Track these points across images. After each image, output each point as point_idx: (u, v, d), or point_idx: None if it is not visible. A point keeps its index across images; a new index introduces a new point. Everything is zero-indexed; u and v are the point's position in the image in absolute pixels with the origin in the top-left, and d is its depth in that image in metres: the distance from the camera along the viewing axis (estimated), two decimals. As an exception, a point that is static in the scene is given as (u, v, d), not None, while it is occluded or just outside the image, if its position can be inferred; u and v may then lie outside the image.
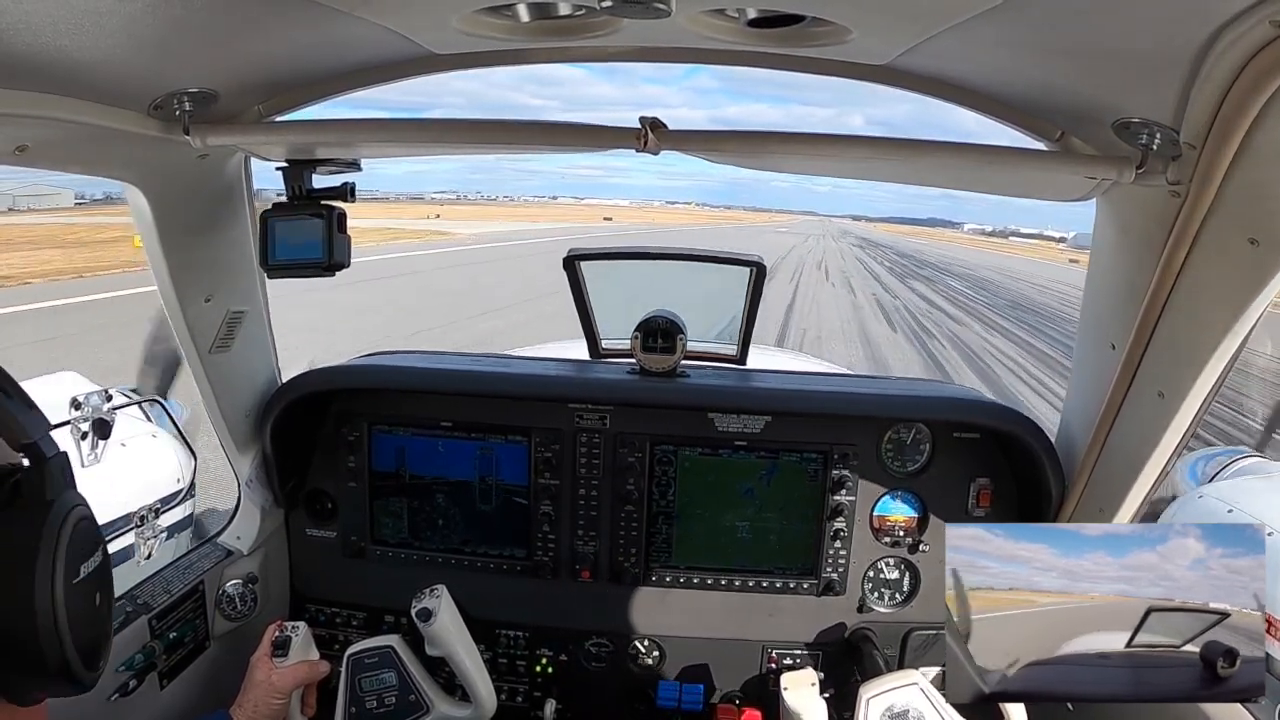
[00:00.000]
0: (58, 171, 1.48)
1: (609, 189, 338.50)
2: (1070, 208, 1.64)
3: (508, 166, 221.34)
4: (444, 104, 68.39)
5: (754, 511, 2.11)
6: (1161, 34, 1.02)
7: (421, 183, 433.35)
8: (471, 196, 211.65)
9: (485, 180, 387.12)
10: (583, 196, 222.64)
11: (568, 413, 2.11)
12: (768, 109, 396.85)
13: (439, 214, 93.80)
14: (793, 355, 4.41)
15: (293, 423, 2.06)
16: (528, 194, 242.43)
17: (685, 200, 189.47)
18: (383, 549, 2.19)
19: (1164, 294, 1.39)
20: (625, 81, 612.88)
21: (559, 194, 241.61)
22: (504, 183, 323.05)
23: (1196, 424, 1.49)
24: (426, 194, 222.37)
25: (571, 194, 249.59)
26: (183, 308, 1.69)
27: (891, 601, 2.15)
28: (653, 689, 2.13)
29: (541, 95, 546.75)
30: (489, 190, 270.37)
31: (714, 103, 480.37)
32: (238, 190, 1.73)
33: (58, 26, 0.99)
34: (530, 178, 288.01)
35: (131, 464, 3.61)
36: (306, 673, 1.75)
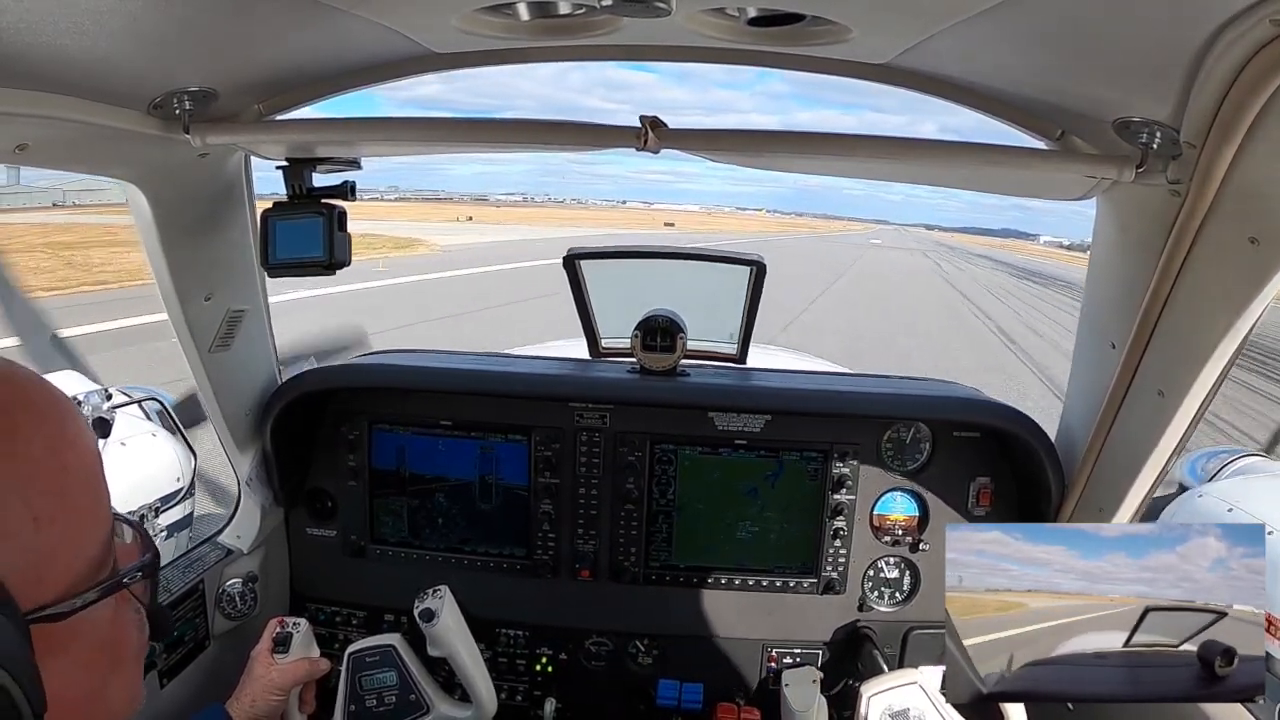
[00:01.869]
0: (58, 170, 1.48)
1: (678, 194, 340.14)
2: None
3: (578, 170, 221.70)
4: (516, 107, 68.63)
5: (755, 511, 2.11)
6: (1162, 33, 1.02)
7: (489, 184, 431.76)
8: (539, 199, 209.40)
9: (556, 183, 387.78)
10: (651, 201, 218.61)
11: (568, 412, 2.11)
12: (838, 115, 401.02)
13: (470, 216, 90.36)
14: (793, 354, 4.40)
15: (293, 421, 2.06)
16: (597, 198, 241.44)
17: (755, 206, 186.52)
18: (383, 548, 2.19)
19: (1164, 293, 1.39)
20: (698, 86, 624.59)
21: (628, 198, 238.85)
22: (574, 186, 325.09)
23: (1197, 423, 1.49)
24: (491, 195, 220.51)
25: (640, 198, 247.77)
26: (183, 307, 1.69)
27: (892, 600, 2.15)
28: (653, 688, 2.13)
29: (613, 100, 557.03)
30: (558, 193, 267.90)
31: (784, 108, 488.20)
32: (238, 189, 1.73)
33: (58, 25, 0.99)
34: (600, 182, 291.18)
35: (131, 463, 3.61)
36: (306, 670, 1.75)
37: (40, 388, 0.63)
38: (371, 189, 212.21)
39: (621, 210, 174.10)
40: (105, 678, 0.67)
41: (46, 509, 0.59)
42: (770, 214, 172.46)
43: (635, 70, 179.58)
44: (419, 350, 2.37)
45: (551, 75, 58.44)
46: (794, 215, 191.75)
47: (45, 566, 0.59)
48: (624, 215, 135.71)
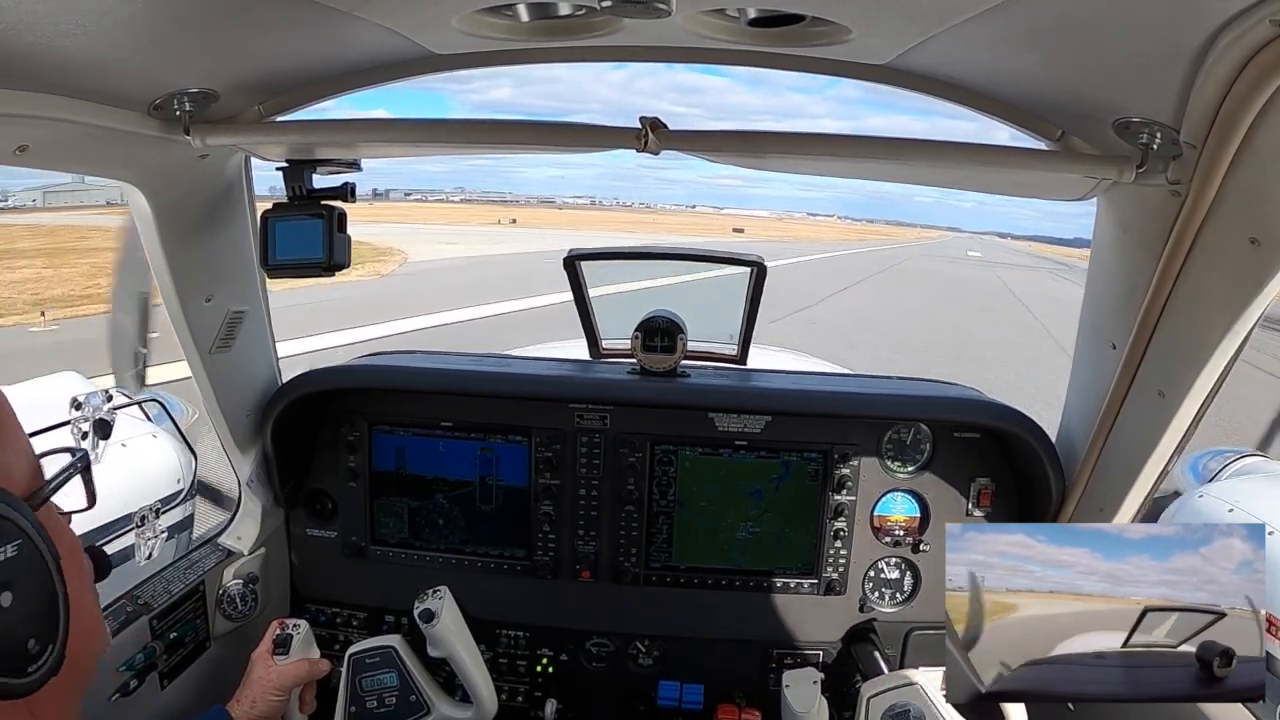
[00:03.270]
0: (58, 172, 1.48)
1: (748, 199, 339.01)
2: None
3: (648, 174, 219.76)
4: (588, 110, 68.28)
5: (755, 512, 2.11)
6: (1162, 33, 1.02)
7: (559, 188, 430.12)
8: (608, 203, 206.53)
9: (625, 188, 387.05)
10: (721, 206, 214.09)
11: (568, 413, 2.11)
12: (910, 121, 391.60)
13: (514, 219, 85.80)
14: (794, 355, 4.40)
15: (293, 423, 2.06)
16: (666, 202, 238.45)
17: (827, 213, 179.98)
18: (383, 549, 2.19)
19: (1164, 293, 1.39)
20: (771, 90, 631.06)
21: (697, 202, 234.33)
22: (644, 190, 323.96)
23: (1197, 423, 1.49)
24: (559, 199, 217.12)
25: (710, 203, 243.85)
26: (183, 308, 1.69)
27: (892, 601, 2.15)
28: (653, 689, 2.13)
29: (682, 104, 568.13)
30: (627, 197, 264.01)
31: (855, 113, 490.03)
32: (238, 190, 1.73)
33: (58, 27, 0.99)
34: (670, 186, 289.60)
35: (132, 464, 3.61)
36: (306, 671, 1.75)
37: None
38: (437, 190, 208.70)
39: (690, 215, 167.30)
40: (82, 557, 0.85)
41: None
42: (841, 220, 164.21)
43: (706, 74, 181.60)
44: (419, 351, 2.37)
45: (621, 80, 57.35)
46: (865, 222, 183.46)
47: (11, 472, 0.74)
48: (692, 220, 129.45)
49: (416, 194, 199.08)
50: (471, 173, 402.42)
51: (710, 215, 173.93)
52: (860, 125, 59.10)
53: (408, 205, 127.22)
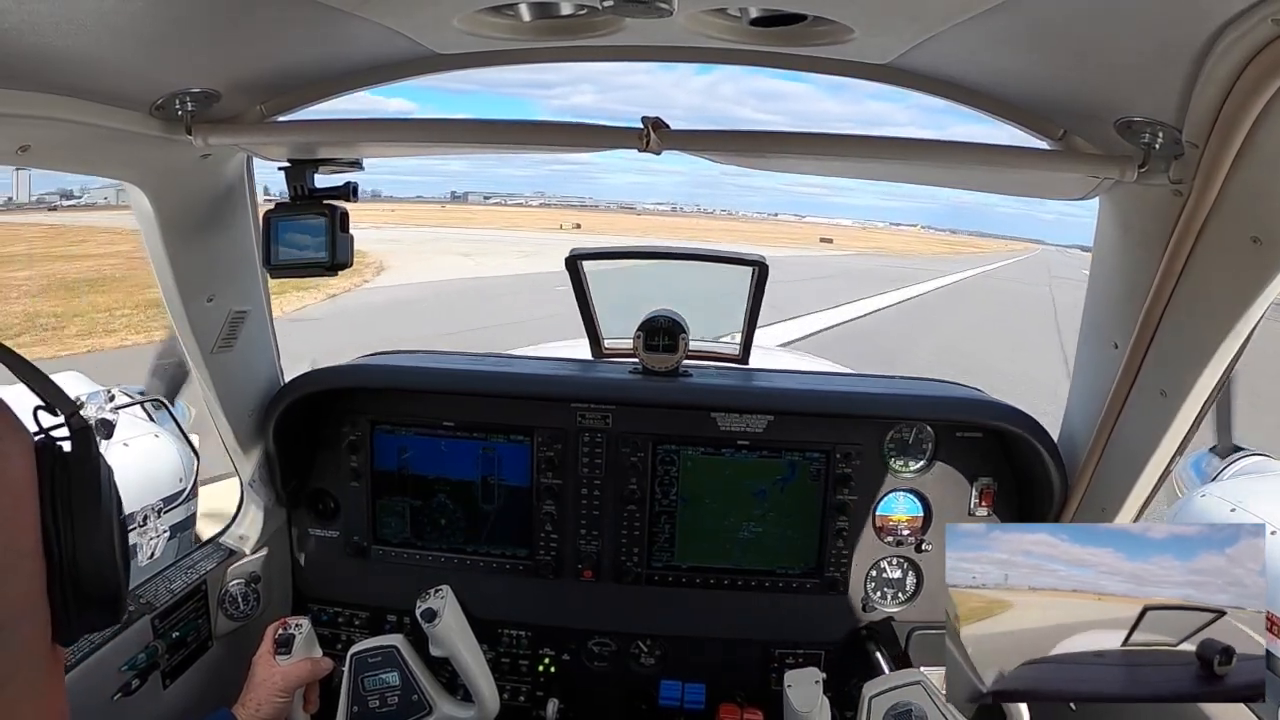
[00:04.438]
0: (60, 172, 1.48)
1: (831, 207, 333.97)
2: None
3: (730, 181, 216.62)
4: (673, 115, 70.61)
5: (758, 511, 2.11)
6: (1163, 33, 1.02)
7: (641, 193, 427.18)
8: (689, 210, 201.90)
9: (707, 194, 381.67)
10: (804, 214, 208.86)
11: (570, 412, 2.11)
12: (989, 130, 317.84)
13: (579, 224, 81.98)
14: (795, 354, 4.40)
15: (295, 422, 2.06)
16: (749, 210, 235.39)
17: (910, 222, 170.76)
18: (385, 549, 2.19)
19: (1166, 293, 1.39)
20: (852, 98, 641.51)
21: (780, 211, 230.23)
22: (726, 197, 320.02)
23: (1199, 423, 1.49)
24: (639, 205, 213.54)
25: (793, 211, 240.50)
26: (185, 308, 1.69)
27: (895, 601, 2.15)
28: (655, 688, 2.14)
29: (764, 109, 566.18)
30: (709, 204, 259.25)
31: (939, 121, 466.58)
32: (240, 190, 1.73)
33: (60, 27, 0.99)
34: (753, 194, 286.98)
35: (134, 463, 3.61)
36: (309, 670, 1.76)
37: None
38: (517, 195, 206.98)
39: (772, 223, 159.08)
40: None
41: None
42: (925, 230, 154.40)
43: (788, 80, 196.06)
44: (420, 351, 2.37)
45: (704, 86, 57.43)
46: (948, 232, 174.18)
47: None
48: (773, 229, 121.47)
49: (496, 198, 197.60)
50: (554, 178, 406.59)
51: (793, 224, 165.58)
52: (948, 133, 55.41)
53: (456, 209, 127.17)
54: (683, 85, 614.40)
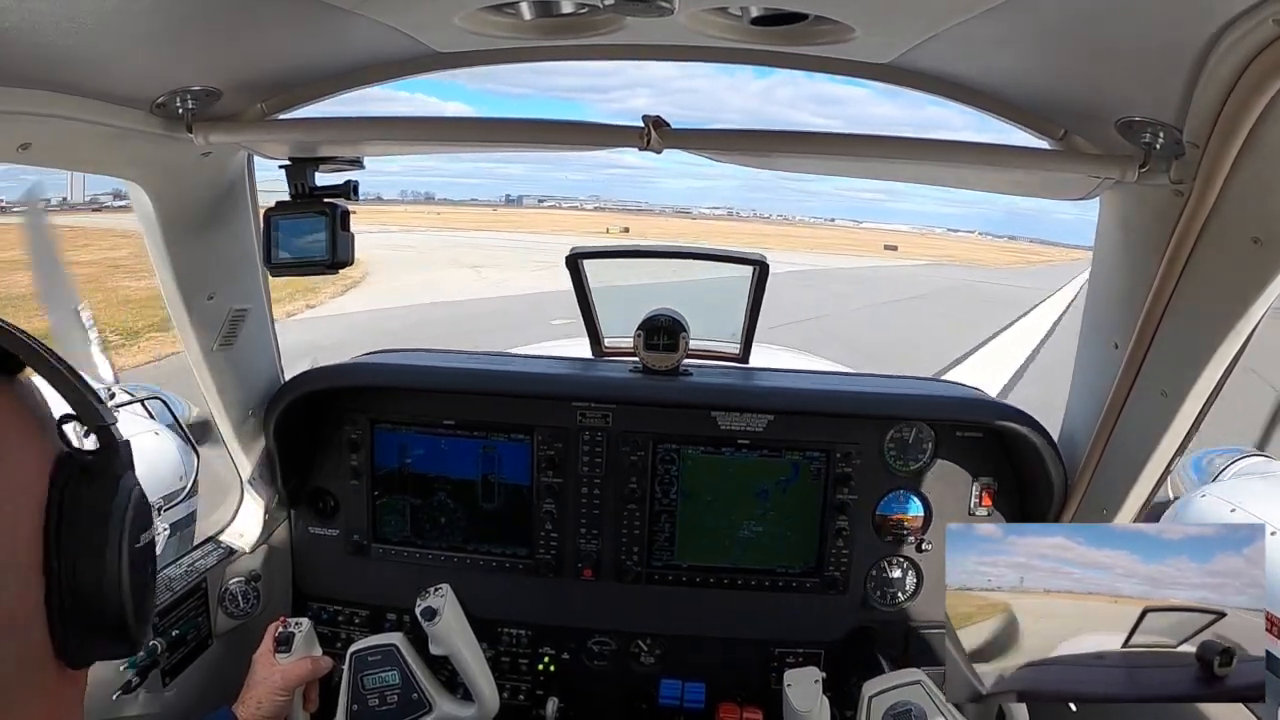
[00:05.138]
0: (61, 170, 1.48)
1: (887, 213, 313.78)
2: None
3: (787, 185, 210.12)
4: (722, 120, 67.36)
5: (758, 511, 2.11)
6: (1164, 33, 1.02)
7: (696, 198, 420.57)
8: (745, 214, 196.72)
9: (764, 199, 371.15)
10: (861, 220, 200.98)
11: (570, 411, 2.11)
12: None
13: (627, 228, 79.01)
14: (796, 354, 4.39)
15: (296, 421, 2.06)
16: (805, 214, 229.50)
17: (967, 228, 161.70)
18: (385, 547, 2.19)
19: (1167, 293, 1.39)
20: (909, 103, 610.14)
21: (837, 216, 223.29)
22: (784, 202, 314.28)
23: (1200, 423, 1.49)
24: (694, 209, 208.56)
25: (850, 216, 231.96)
26: (186, 305, 1.69)
27: (895, 600, 2.15)
28: (655, 687, 2.13)
29: (822, 114, 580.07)
30: (765, 209, 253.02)
31: (997, 127, 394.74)
32: (240, 188, 1.73)
33: (61, 25, 0.99)
34: (810, 198, 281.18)
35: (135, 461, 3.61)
36: (309, 669, 1.76)
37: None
38: (572, 198, 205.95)
39: (829, 229, 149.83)
40: None
41: None
42: (981, 236, 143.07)
43: (846, 85, 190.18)
44: (421, 350, 2.37)
45: (761, 90, 56.45)
46: (1006, 239, 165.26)
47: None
48: (830, 235, 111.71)
49: (550, 201, 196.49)
50: (610, 181, 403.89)
51: (850, 229, 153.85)
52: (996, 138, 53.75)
53: (508, 212, 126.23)
54: (739, 89, 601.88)
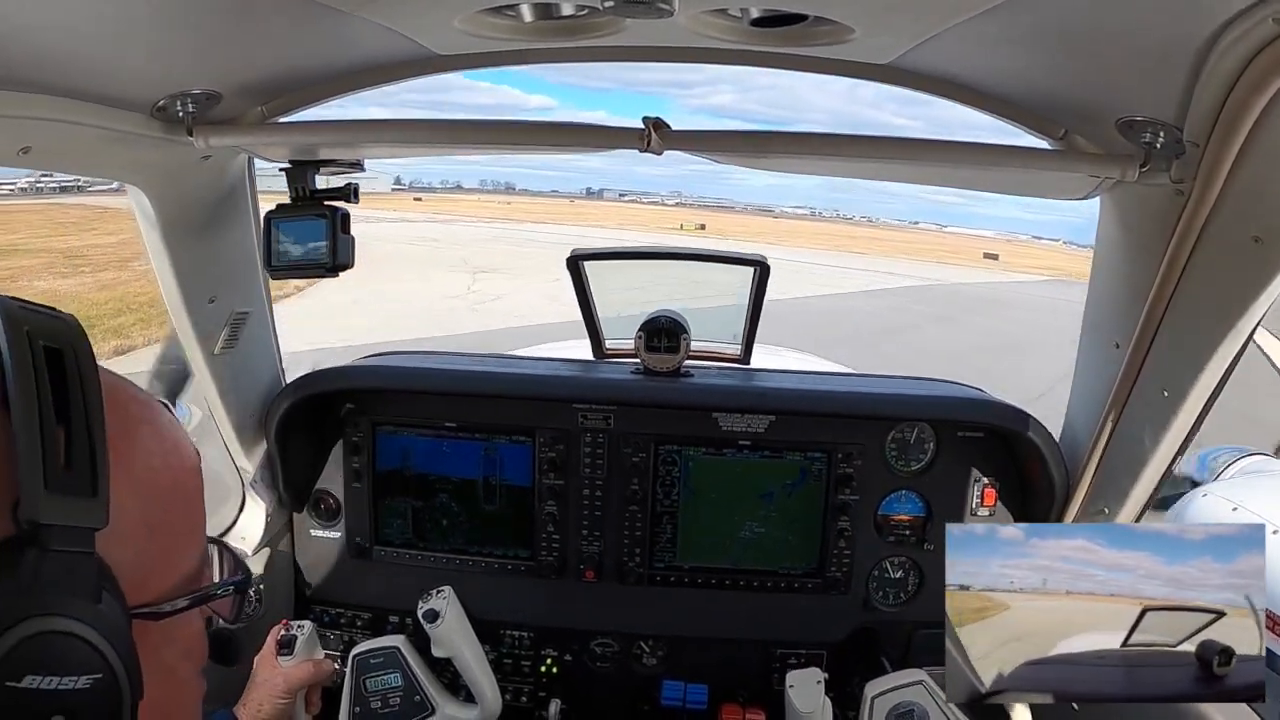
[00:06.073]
0: (61, 173, 1.48)
1: (971, 217, 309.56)
2: None
3: (865, 185, 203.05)
4: (806, 119, 66.87)
5: (760, 512, 2.11)
6: (1164, 32, 1.02)
7: (778, 196, 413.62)
8: (827, 214, 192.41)
9: (846, 199, 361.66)
10: (944, 224, 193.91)
11: (572, 413, 2.11)
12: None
13: (703, 225, 76.08)
14: (797, 354, 4.38)
15: (297, 423, 2.06)
16: (888, 216, 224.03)
17: (1052, 236, 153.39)
18: (387, 549, 2.19)
19: (1168, 292, 1.39)
20: None
21: (920, 219, 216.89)
22: (863, 202, 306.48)
23: (1201, 422, 1.49)
24: (777, 208, 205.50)
25: (932, 219, 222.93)
26: (187, 309, 1.69)
27: (897, 600, 2.15)
28: (657, 689, 2.13)
29: (903, 115, 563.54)
30: (847, 209, 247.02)
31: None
32: (241, 191, 1.73)
33: (61, 29, 1.00)
34: (891, 199, 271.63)
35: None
36: (311, 672, 1.76)
37: (158, 407, 0.68)
38: (653, 193, 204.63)
39: (913, 232, 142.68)
40: (187, 682, 0.73)
41: (158, 517, 0.64)
42: (1066, 245, 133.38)
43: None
44: (422, 352, 2.37)
45: (844, 89, 55.14)
46: (1089, 248, 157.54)
47: (150, 570, 0.63)
48: (913, 239, 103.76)
49: (631, 195, 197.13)
50: (692, 177, 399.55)
51: (934, 233, 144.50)
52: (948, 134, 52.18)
53: (587, 204, 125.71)
54: (823, 88, 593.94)
